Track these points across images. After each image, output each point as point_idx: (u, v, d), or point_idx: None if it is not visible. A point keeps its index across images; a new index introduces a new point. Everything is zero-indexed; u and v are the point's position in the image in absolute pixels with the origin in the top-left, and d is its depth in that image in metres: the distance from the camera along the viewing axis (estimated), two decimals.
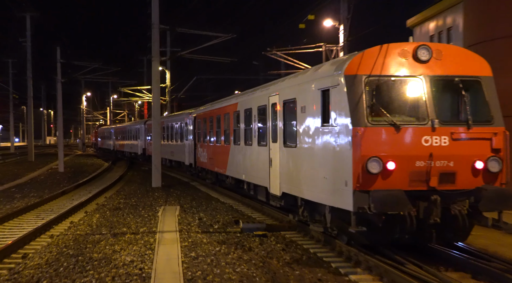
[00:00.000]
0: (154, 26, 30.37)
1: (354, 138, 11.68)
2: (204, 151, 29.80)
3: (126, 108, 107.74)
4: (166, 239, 14.84)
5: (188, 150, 34.88)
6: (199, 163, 31.62)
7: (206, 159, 29.41)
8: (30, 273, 11.60)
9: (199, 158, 31.40)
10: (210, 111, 28.35)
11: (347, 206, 11.79)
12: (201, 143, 30.65)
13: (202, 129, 30.41)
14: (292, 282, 10.79)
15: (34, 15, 58.20)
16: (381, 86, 12.16)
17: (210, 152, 28.23)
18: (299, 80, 15.56)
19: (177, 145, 39.19)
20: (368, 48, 12.54)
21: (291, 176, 15.73)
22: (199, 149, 31.20)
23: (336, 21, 34.27)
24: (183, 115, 37.52)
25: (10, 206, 22.48)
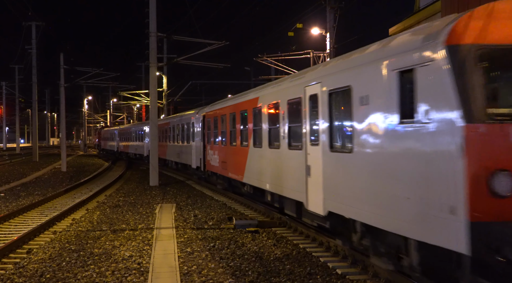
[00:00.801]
0: (152, 34, 30.31)
1: (469, 141, 7.39)
2: (215, 154, 25.11)
3: (125, 111, 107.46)
4: (163, 235, 14.75)
5: (195, 152, 30.99)
6: (209, 166, 26.96)
7: (217, 163, 24.64)
8: (34, 267, 11.49)
9: (209, 161, 26.80)
10: (222, 109, 23.70)
11: (453, 245, 7.53)
12: (211, 145, 26.16)
13: (212, 129, 25.74)
14: (283, 276, 10.71)
15: (39, 24, 57.96)
16: (503, 62, 7.97)
17: (223, 155, 23.49)
18: (356, 61, 10.81)
19: (183, 146, 34.88)
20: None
21: (342, 191, 11.17)
22: (209, 151, 26.74)
23: (322, 30, 34.26)
24: (190, 114, 33.18)
25: (16, 203, 22.33)
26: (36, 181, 33.15)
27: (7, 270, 11.30)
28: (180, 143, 36.03)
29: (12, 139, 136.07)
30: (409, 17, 25.61)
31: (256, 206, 20.04)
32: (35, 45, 57.93)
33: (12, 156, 71.55)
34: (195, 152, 31.01)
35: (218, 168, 24.64)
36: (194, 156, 31.36)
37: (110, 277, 10.59)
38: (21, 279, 10.61)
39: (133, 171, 42.60)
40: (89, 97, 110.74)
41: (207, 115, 27.16)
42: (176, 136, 37.44)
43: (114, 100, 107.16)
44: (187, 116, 33.79)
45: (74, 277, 10.65)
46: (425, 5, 24.26)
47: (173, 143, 38.64)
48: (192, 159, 31.93)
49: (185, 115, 35.05)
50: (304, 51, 36.44)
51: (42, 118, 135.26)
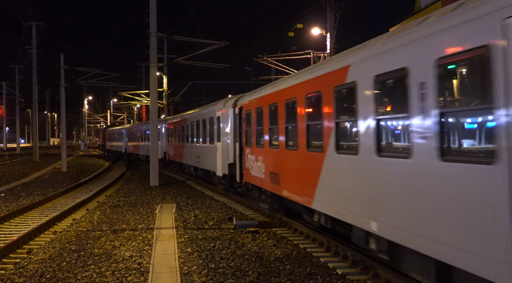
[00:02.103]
0: (152, 34, 30.31)
1: None
2: (259, 160, 18.11)
3: (125, 111, 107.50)
4: (163, 235, 14.75)
5: (222, 155, 24.45)
6: (249, 177, 19.90)
7: (261, 173, 17.78)
8: (35, 267, 11.49)
9: (249, 169, 19.82)
10: (272, 95, 16.38)
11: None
12: (252, 147, 19.14)
13: (254, 125, 18.66)
14: (283, 276, 10.70)
15: (39, 24, 57.97)
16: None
17: (272, 162, 16.54)
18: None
19: (205, 148, 28.59)
20: None
21: None
22: (249, 156, 19.64)
23: (323, 30, 34.25)
24: (214, 107, 26.79)
25: (16, 203, 22.32)
26: (36, 181, 33.14)
27: (7, 270, 11.30)
28: (200, 143, 29.84)
29: (12, 139, 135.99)
30: (409, 17, 25.59)
31: (256, 206, 20.03)
32: (35, 45, 57.92)
33: (12, 156, 71.57)
34: (221, 156, 24.48)
35: (263, 180, 17.59)
36: (219, 161, 24.77)
37: (110, 277, 10.59)
38: (21, 279, 10.61)
39: (133, 171, 42.59)
40: (89, 97, 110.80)
41: (246, 106, 20.01)
42: (195, 135, 31.32)
43: (115, 100, 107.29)
44: (210, 110, 27.64)
45: (74, 277, 10.65)
46: (425, 5, 24.27)
47: (191, 143, 32.64)
48: (216, 165, 25.45)
49: (207, 108, 28.89)
50: (304, 51, 36.45)
51: (43, 119, 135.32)
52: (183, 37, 35.18)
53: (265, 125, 17.14)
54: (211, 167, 26.88)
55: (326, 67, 12.16)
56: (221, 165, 24.60)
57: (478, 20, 6.70)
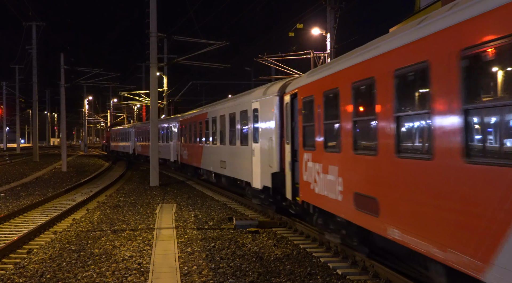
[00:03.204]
0: (152, 34, 30.31)
1: None
2: (332, 171, 11.93)
3: (125, 111, 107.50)
4: (164, 235, 14.75)
5: (262, 161, 18.29)
6: (309, 194, 13.70)
7: (336, 192, 11.60)
8: (35, 267, 11.49)
9: (309, 184, 13.57)
10: (367, 66, 10.03)
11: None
12: (316, 151, 13.06)
13: (322, 117, 12.52)
14: (283, 276, 10.70)
15: (39, 24, 57.99)
16: None
17: (363, 177, 10.29)
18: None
19: (234, 151, 22.34)
20: None
21: None
22: (309, 165, 13.59)
23: (323, 30, 34.26)
24: (252, 96, 20.21)
25: (16, 203, 22.32)
26: (36, 181, 33.14)
27: (8, 270, 11.30)
28: (226, 144, 23.77)
29: (13, 139, 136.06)
30: (410, 17, 25.60)
31: (256, 207, 20.03)
32: (35, 45, 57.93)
33: (12, 156, 71.56)
34: (259, 161, 18.61)
35: (339, 204, 11.49)
36: (257, 168, 18.86)
37: (111, 277, 10.59)
38: (21, 279, 10.61)
39: (134, 171, 42.59)
40: (89, 97, 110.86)
41: (305, 91, 13.98)
42: (219, 134, 25.34)
43: (115, 100, 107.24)
44: (242, 100, 21.36)
45: (75, 277, 10.65)
46: (425, 5, 24.28)
47: (213, 144, 26.60)
48: (252, 173, 19.36)
49: (238, 99, 22.45)
50: (304, 51, 36.45)
51: (43, 119, 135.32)
52: (183, 37, 35.23)
53: (344, 117, 10.94)
54: (243, 176, 20.78)
55: None
56: (259, 174, 18.48)
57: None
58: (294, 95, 15.21)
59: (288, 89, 16.13)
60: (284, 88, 16.81)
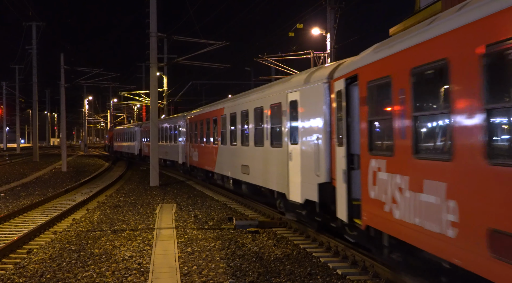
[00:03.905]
0: (152, 34, 30.32)
1: None
2: (430, 189, 7.92)
3: (125, 111, 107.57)
4: (164, 235, 14.75)
5: (303, 167, 14.45)
6: (379, 219, 9.83)
7: (439, 222, 7.61)
8: (35, 267, 11.49)
9: (382, 203, 9.63)
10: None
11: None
12: (395, 157, 9.15)
13: (409, 108, 8.52)
14: (283, 276, 10.70)
15: (39, 24, 58.02)
16: None
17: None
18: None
19: (262, 153, 18.34)
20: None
21: None
22: (380, 176, 9.76)
23: (323, 30, 34.27)
24: (287, 84, 16.27)
25: (16, 203, 22.33)
26: (36, 181, 33.14)
27: (8, 270, 11.30)
28: (250, 145, 19.78)
29: (13, 139, 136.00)
30: (410, 17, 25.60)
31: (256, 206, 20.03)
32: (35, 45, 57.96)
33: (12, 156, 71.58)
34: (299, 167, 14.71)
35: (449, 243, 7.46)
36: (296, 176, 14.96)
37: (111, 277, 10.59)
38: (21, 279, 10.61)
39: (133, 171, 42.58)
40: (89, 97, 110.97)
41: (371, 73, 10.32)
42: (239, 133, 21.40)
43: (115, 100, 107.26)
44: (273, 91, 17.52)
45: (75, 277, 10.65)
46: (425, 6, 24.27)
47: (231, 145, 22.56)
48: (289, 182, 15.44)
49: (267, 90, 18.56)
50: (304, 51, 36.48)
51: (43, 119, 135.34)
52: (183, 37, 35.24)
53: (461, 106, 7.15)
54: (274, 184, 16.87)
55: None
56: (299, 184, 14.62)
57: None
58: (351, 79, 11.43)
59: (339, 73, 12.24)
60: (332, 72, 13.01)
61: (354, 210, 11.20)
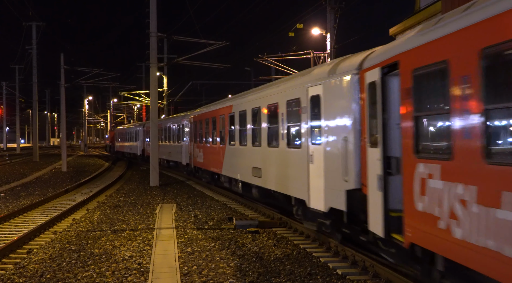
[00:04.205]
0: (152, 34, 30.31)
1: None
2: None
3: (125, 111, 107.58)
4: (164, 235, 14.74)
5: (327, 171, 12.78)
6: (431, 239, 8.08)
7: None
8: (35, 267, 11.49)
9: (435, 219, 7.92)
10: None
11: None
12: (465, 166, 7.22)
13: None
14: (283, 276, 10.70)
15: (40, 24, 58.02)
16: None
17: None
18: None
19: (276, 155, 16.66)
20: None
21: None
22: (431, 185, 8.07)
23: (323, 30, 34.28)
24: (306, 78, 14.51)
25: (16, 203, 22.32)
26: (36, 181, 33.14)
27: (8, 270, 11.30)
28: (262, 145, 18.15)
29: (13, 139, 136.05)
30: (410, 17, 25.60)
31: (256, 206, 20.03)
32: (35, 45, 57.96)
33: (12, 156, 71.58)
34: (323, 171, 13.01)
35: None
36: (318, 181, 13.25)
37: (111, 277, 10.59)
38: (21, 279, 10.61)
39: (133, 171, 42.57)
40: (89, 97, 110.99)
41: (429, 55, 8.28)
42: (250, 132, 19.55)
43: (115, 100, 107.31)
44: (289, 85, 15.78)
45: (75, 277, 10.65)
46: (425, 6, 24.26)
47: (240, 145, 20.88)
48: (309, 188, 13.78)
49: (281, 84, 16.82)
50: (304, 51, 36.50)
51: (43, 119, 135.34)
52: (183, 37, 35.24)
53: None
54: (292, 189, 15.25)
55: None
56: (322, 190, 12.91)
57: None
58: (388, 68, 9.78)
59: (372, 62, 10.56)
60: (362, 62, 11.32)
61: (392, 223, 9.50)
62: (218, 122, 24.55)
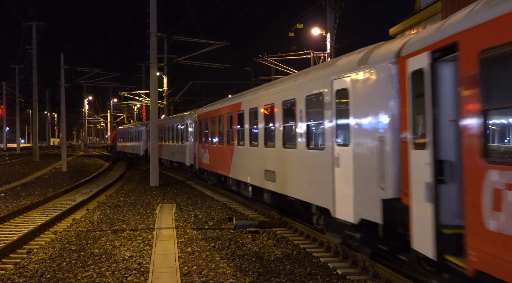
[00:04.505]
0: (152, 34, 30.31)
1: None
2: None
3: (125, 111, 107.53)
4: (164, 235, 14.74)
5: (363, 173, 10.75)
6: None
7: None
8: (35, 267, 11.49)
9: None
10: None
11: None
12: None
13: None
14: (283, 276, 10.70)
15: (40, 24, 58.01)
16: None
17: None
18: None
19: (293, 155, 14.84)
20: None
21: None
22: None
23: (323, 30, 34.28)
24: (343, 64, 12.16)
25: (16, 203, 22.32)
26: (36, 181, 33.13)
27: (7, 270, 11.30)
28: (276, 145, 16.36)
29: (13, 139, 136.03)
30: (410, 17, 25.61)
31: (256, 207, 20.02)
32: (35, 45, 57.96)
33: (12, 156, 71.57)
34: (353, 173, 11.25)
35: None
36: (346, 184, 11.50)
37: (111, 277, 10.59)
38: (21, 279, 10.61)
39: (133, 171, 42.56)
40: (89, 97, 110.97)
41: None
42: (262, 131, 17.79)
43: (115, 100, 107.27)
44: (315, 76, 13.63)
45: (75, 277, 10.65)
46: (425, 6, 24.28)
47: (251, 145, 19.15)
48: (334, 194, 12.07)
49: (306, 76, 14.43)
50: (304, 51, 36.51)
51: (43, 119, 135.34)
52: (183, 37, 35.23)
53: None
54: (313, 197, 13.31)
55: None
56: (351, 198, 11.15)
57: None
58: (441, 52, 8.10)
59: (418, 45, 8.80)
60: (401, 49, 9.61)
61: (446, 243, 7.79)
62: (225, 121, 22.90)
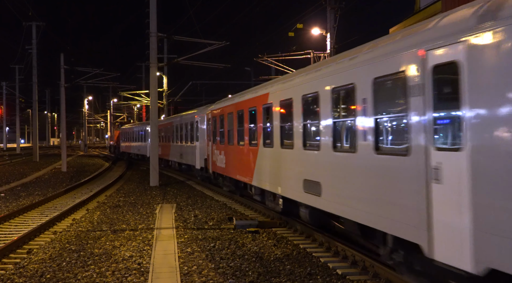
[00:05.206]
0: (152, 34, 30.32)
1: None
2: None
3: (125, 111, 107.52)
4: (163, 235, 14.74)
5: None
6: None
7: None
8: (35, 267, 11.49)
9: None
10: None
11: None
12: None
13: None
14: (283, 276, 10.70)
15: (40, 24, 58.02)
16: None
17: None
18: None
19: (351, 162, 10.83)
20: None
21: None
22: None
23: (323, 30, 34.28)
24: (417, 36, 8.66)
25: (16, 203, 22.32)
26: (36, 181, 33.14)
27: (7, 270, 11.31)
28: (321, 148, 12.43)
29: (13, 139, 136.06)
30: (410, 17, 25.61)
31: (256, 206, 20.02)
32: (35, 45, 57.96)
33: (12, 156, 71.59)
34: (470, 194, 7.15)
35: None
36: (452, 210, 7.50)
37: (111, 277, 10.59)
38: (21, 279, 10.61)
39: (133, 171, 42.56)
40: (89, 97, 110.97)
41: None
42: (300, 129, 13.90)
43: (115, 100, 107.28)
44: (382, 51, 9.75)
45: (74, 277, 10.65)
46: (425, 5, 24.29)
47: (282, 147, 15.46)
48: (432, 222, 7.99)
49: (364, 55, 10.54)
50: (304, 51, 36.50)
51: (43, 119, 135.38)
52: (183, 37, 35.21)
53: None
54: (392, 224, 9.25)
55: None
56: (465, 233, 7.23)
57: None
58: None
59: None
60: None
61: None
62: (247, 116, 19.19)
